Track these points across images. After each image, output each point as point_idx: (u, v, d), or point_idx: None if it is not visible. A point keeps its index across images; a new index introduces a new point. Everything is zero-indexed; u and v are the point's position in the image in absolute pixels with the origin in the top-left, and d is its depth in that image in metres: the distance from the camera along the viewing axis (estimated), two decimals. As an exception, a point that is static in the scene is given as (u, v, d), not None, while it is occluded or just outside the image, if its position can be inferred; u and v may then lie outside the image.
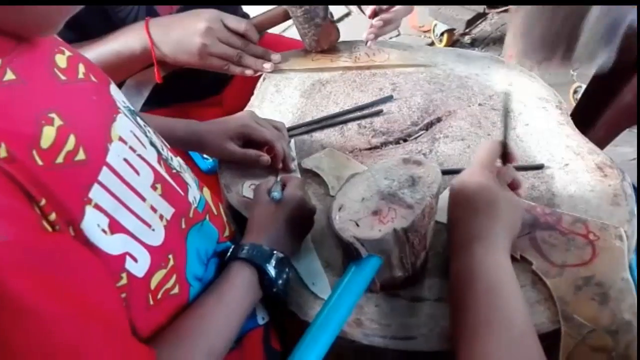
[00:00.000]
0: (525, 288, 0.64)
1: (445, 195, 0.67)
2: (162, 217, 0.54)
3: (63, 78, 0.50)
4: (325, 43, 0.99)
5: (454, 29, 2.38)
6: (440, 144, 0.83)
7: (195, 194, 0.62)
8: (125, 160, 0.51)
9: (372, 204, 0.60)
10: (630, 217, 0.71)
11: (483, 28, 2.50)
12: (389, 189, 0.61)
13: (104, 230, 0.47)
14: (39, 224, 0.40)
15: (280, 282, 0.62)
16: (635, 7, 0.66)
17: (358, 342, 0.61)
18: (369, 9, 0.97)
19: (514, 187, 0.69)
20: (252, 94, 1.24)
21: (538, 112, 0.88)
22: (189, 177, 0.63)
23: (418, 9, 2.25)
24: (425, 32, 2.51)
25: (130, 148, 0.52)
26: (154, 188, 0.54)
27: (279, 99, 0.94)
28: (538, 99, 0.90)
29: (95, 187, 0.46)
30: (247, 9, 1.15)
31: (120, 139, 0.51)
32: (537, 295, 0.64)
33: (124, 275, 0.49)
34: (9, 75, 0.43)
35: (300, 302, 0.65)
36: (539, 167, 0.79)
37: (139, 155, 0.53)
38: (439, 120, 0.88)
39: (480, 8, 2.37)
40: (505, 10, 2.40)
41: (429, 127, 0.87)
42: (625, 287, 0.62)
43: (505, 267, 0.58)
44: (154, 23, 0.91)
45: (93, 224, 0.45)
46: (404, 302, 0.65)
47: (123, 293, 0.48)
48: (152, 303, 0.51)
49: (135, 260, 0.50)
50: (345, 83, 0.96)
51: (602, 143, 1.09)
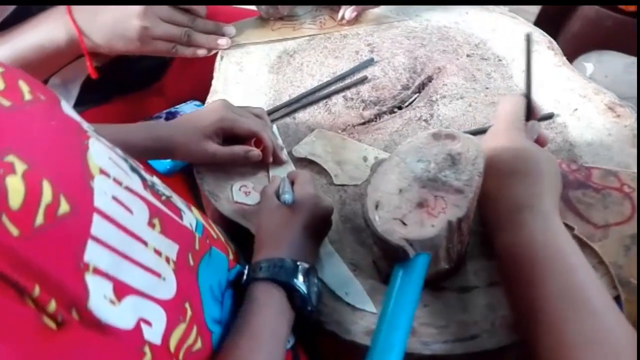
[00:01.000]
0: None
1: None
2: (168, 259, 0.43)
3: (6, 103, 0.36)
4: (285, 8, 0.86)
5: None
6: (440, 106, 0.75)
7: (191, 219, 0.50)
8: (115, 199, 0.38)
9: (413, 195, 0.50)
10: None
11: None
12: (428, 174, 0.51)
13: (112, 301, 0.35)
14: (39, 324, 0.28)
15: (313, 297, 0.52)
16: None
17: (417, 353, 0.53)
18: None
19: (541, 143, 0.62)
20: (197, 77, 1.11)
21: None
22: (177, 198, 0.51)
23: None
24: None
25: (115, 181, 0.39)
26: (152, 225, 0.42)
27: (245, 79, 0.81)
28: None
29: (90, 245, 0.34)
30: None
31: (102, 172, 0.38)
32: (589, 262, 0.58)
33: (147, 350, 0.37)
34: None
35: (337, 318, 0.56)
36: (549, 116, 0.73)
37: (127, 188, 0.40)
38: (431, 80, 0.79)
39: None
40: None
41: (422, 88, 0.78)
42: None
43: (563, 233, 0.51)
44: (78, 8, 0.74)
45: (99, 298, 0.33)
46: (453, 295, 0.57)
47: None
48: None
49: (150, 325, 0.39)
50: (316, 50, 0.85)
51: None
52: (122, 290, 0.36)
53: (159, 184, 0.48)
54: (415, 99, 0.77)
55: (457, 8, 0.90)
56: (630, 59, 1.69)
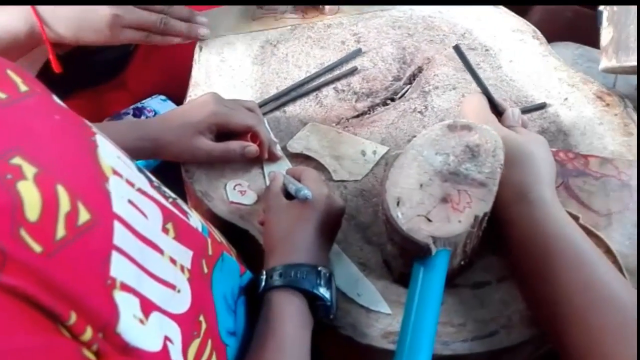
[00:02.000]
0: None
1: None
2: (183, 267, 0.38)
3: (1, 96, 0.31)
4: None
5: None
6: (433, 97, 0.73)
7: (196, 221, 0.46)
8: (130, 202, 0.34)
9: (435, 190, 0.48)
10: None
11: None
12: (448, 167, 0.49)
13: (141, 320, 0.30)
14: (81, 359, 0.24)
15: (335, 304, 0.49)
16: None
17: (438, 354, 0.51)
18: None
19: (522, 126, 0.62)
20: (162, 70, 1.05)
21: (517, 45, 0.81)
22: (181, 201, 0.46)
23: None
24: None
25: (128, 182, 0.35)
26: (166, 231, 0.38)
27: (229, 71, 0.76)
28: (512, 32, 0.83)
29: (115, 257, 0.30)
30: None
31: (115, 172, 0.34)
32: (597, 251, 0.58)
33: (176, 372, 0.33)
34: None
35: (352, 321, 0.53)
36: (542, 106, 0.73)
37: (140, 190, 0.36)
38: (421, 70, 0.77)
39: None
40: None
41: (413, 79, 0.76)
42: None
43: (567, 220, 0.50)
44: None
45: (129, 318, 0.29)
46: (468, 291, 0.55)
47: None
48: None
49: (173, 343, 0.35)
50: (300, 41, 0.81)
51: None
52: (148, 307, 0.32)
53: (162, 185, 0.44)
54: (408, 90, 0.75)
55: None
56: (580, 50, 1.75)
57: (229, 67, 0.76)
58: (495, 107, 0.60)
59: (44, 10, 0.67)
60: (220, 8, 0.84)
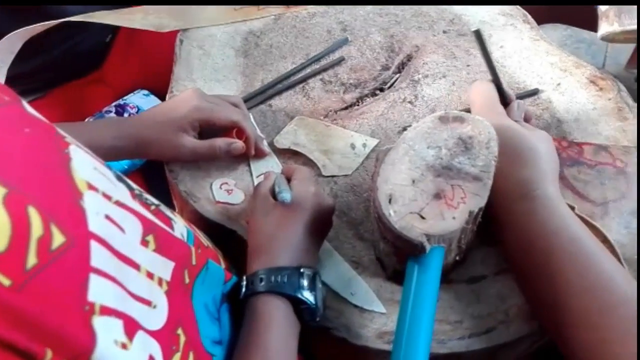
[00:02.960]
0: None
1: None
2: (161, 280, 0.37)
3: None
4: None
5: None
6: (423, 87, 0.71)
7: (181, 228, 0.44)
8: (107, 218, 0.32)
9: (428, 186, 0.46)
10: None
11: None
12: (441, 161, 0.47)
13: (123, 344, 0.28)
14: None
15: (321, 306, 0.48)
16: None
17: (435, 353, 0.49)
18: None
19: (527, 120, 0.60)
20: (143, 63, 1.02)
21: (507, 30, 0.79)
22: (165, 207, 0.44)
23: None
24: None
25: (105, 195, 0.33)
26: (145, 243, 0.36)
27: (211, 64, 0.73)
28: (502, 16, 0.81)
29: (93, 279, 0.27)
30: None
31: (90, 187, 0.31)
32: (593, 240, 0.56)
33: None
34: None
35: (345, 322, 0.51)
36: (535, 92, 0.71)
37: (117, 202, 0.34)
38: (410, 59, 0.75)
39: None
40: None
41: (402, 68, 0.74)
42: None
43: (570, 216, 0.48)
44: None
45: (109, 345, 0.27)
46: (463, 286, 0.54)
47: None
48: None
49: None
50: (284, 31, 0.78)
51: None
52: (132, 327, 0.30)
53: (144, 192, 0.41)
54: (397, 80, 0.73)
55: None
56: (568, 31, 1.74)
57: (211, 60, 0.74)
58: (503, 97, 0.58)
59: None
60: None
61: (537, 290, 0.47)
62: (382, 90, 0.71)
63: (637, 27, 0.66)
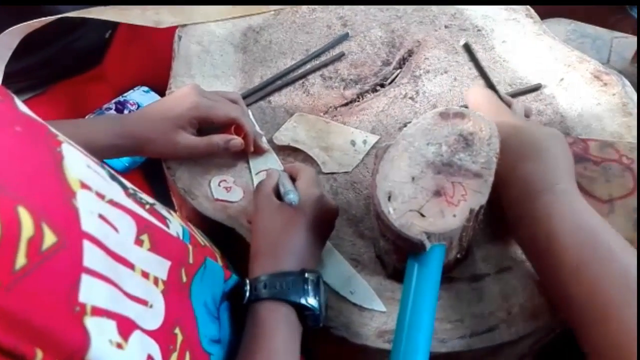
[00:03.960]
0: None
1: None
2: (157, 280, 0.36)
3: None
4: None
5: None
6: (425, 82, 0.70)
7: (177, 227, 0.43)
8: (101, 217, 0.31)
9: (428, 183, 0.45)
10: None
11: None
12: (441, 158, 0.47)
13: (118, 344, 0.28)
14: None
15: (324, 311, 0.47)
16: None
17: (435, 352, 0.49)
18: None
19: (526, 115, 0.59)
20: (142, 59, 1.01)
21: (510, 25, 0.78)
22: (160, 206, 0.44)
23: None
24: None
25: (98, 194, 0.32)
26: (140, 242, 0.35)
27: (210, 60, 0.73)
28: (505, 11, 0.80)
29: (85, 280, 0.27)
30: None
31: (83, 185, 0.31)
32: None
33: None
34: None
35: (345, 320, 0.51)
36: (537, 87, 0.70)
37: (111, 202, 0.33)
38: (411, 54, 0.74)
39: None
40: None
41: (403, 63, 0.73)
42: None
43: (589, 211, 0.46)
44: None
45: (104, 344, 0.27)
46: (465, 285, 0.53)
47: None
48: None
49: None
50: (284, 26, 0.77)
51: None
52: (127, 327, 0.29)
53: (139, 191, 0.41)
54: (398, 75, 0.72)
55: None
56: (572, 25, 1.72)
57: (210, 56, 0.73)
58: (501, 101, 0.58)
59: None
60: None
61: (557, 286, 0.46)
62: (382, 86, 0.71)
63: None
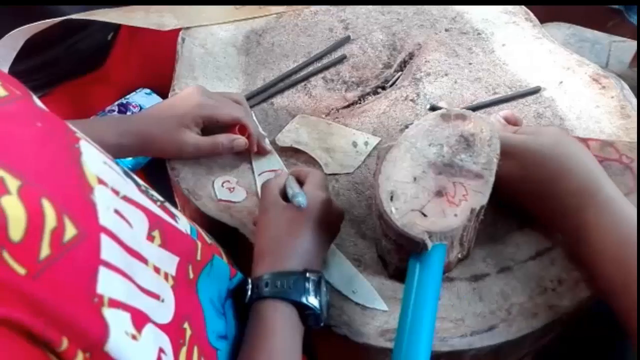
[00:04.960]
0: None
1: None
2: (167, 275, 0.37)
3: None
4: None
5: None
6: (425, 85, 0.71)
7: (185, 224, 0.44)
8: (116, 212, 0.32)
9: (430, 183, 0.46)
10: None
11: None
12: (442, 158, 0.47)
13: (133, 335, 0.29)
14: None
15: (325, 311, 0.48)
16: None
17: (436, 351, 0.49)
18: None
19: (515, 123, 0.60)
20: (145, 61, 1.02)
21: (510, 28, 0.79)
22: (169, 204, 0.44)
23: None
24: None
25: (113, 190, 0.33)
26: (151, 238, 0.36)
27: (213, 62, 0.73)
28: (505, 14, 0.81)
29: (102, 272, 0.28)
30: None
31: (100, 181, 0.31)
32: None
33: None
34: None
35: (347, 319, 0.51)
36: (536, 90, 0.71)
37: (125, 198, 0.34)
38: (412, 57, 0.75)
39: None
40: None
41: (404, 66, 0.74)
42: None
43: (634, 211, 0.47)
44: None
45: (120, 335, 0.28)
46: (465, 285, 0.54)
47: None
48: None
49: (165, 354, 0.33)
50: (286, 29, 0.78)
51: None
52: (140, 320, 0.30)
53: (150, 188, 0.42)
54: (399, 78, 0.73)
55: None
56: (571, 29, 1.73)
57: (213, 58, 0.74)
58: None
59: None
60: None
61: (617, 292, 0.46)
62: (384, 89, 0.71)
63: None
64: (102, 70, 1.01)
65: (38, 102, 0.33)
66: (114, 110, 0.93)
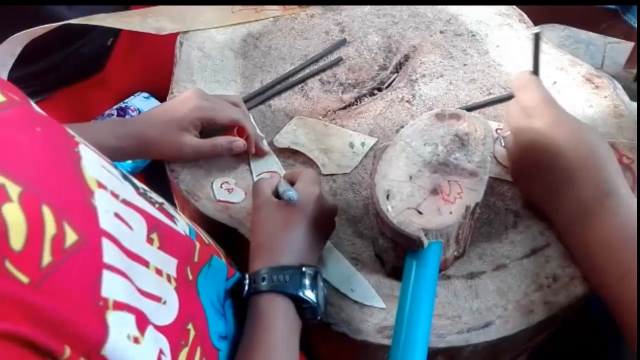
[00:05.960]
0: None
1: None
2: (169, 277, 0.37)
3: None
4: None
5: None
6: (421, 86, 0.72)
7: (184, 225, 0.44)
8: (116, 215, 0.32)
9: (425, 181, 0.47)
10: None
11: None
12: (437, 157, 0.48)
13: (136, 338, 0.29)
14: None
15: (322, 305, 0.48)
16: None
17: (433, 347, 0.50)
18: None
19: None
20: (144, 65, 1.03)
21: (504, 30, 0.80)
22: (168, 205, 0.45)
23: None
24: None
25: (113, 194, 0.33)
26: (150, 241, 0.36)
27: (211, 66, 0.74)
28: (498, 16, 0.82)
29: (106, 275, 0.28)
30: None
31: (100, 185, 0.32)
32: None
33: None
34: None
35: (345, 317, 0.52)
36: (531, 91, 0.72)
37: (124, 201, 0.35)
38: (407, 59, 0.76)
39: None
40: None
41: (399, 68, 0.75)
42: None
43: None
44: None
45: (121, 339, 0.28)
46: (462, 282, 0.54)
47: None
48: None
49: (165, 355, 0.34)
50: (283, 32, 0.79)
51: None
52: (143, 322, 0.31)
53: (149, 190, 0.42)
54: (395, 79, 0.73)
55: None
56: (566, 31, 1.74)
57: (211, 62, 0.75)
58: None
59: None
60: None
61: (615, 288, 0.46)
62: (380, 90, 0.72)
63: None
64: (101, 75, 1.01)
65: (36, 107, 0.33)
66: (113, 114, 0.94)
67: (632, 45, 1.58)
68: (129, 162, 0.85)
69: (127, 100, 0.99)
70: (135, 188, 0.38)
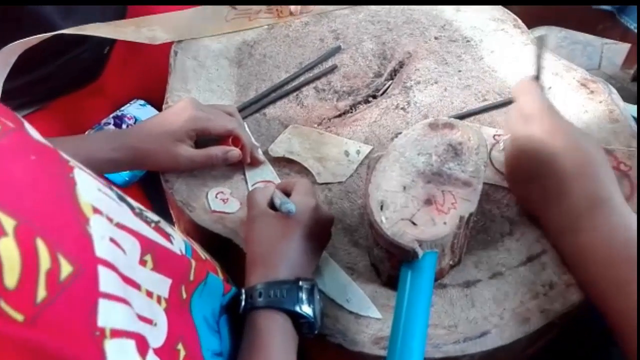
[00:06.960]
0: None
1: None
2: (159, 299, 0.37)
3: None
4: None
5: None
6: (416, 93, 0.72)
7: (180, 243, 0.44)
8: (112, 241, 0.32)
9: (419, 192, 0.47)
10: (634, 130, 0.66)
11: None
12: (431, 167, 0.48)
13: None
14: None
15: (319, 319, 0.48)
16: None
17: (429, 357, 0.50)
18: None
19: None
20: (140, 73, 1.03)
21: (498, 35, 0.80)
22: (164, 223, 0.45)
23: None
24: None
25: (108, 218, 0.33)
26: (143, 263, 0.36)
27: (205, 74, 0.74)
28: (493, 22, 0.82)
29: (102, 304, 0.28)
30: None
31: (95, 210, 0.31)
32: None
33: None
34: None
35: (341, 328, 0.52)
36: (526, 96, 0.71)
37: (118, 225, 0.34)
38: (402, 65, 0.76)
39: None
40: None
41: (394, 74, 0.75)
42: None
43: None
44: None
45: None
46: (458, 291, 0.54)
47: None
48: None
49: None
50: (277, 40, 0.79)
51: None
52: (144, 346, 0.30)
53: (145, 209, 0.42)
54: (389, 86, 0.73)
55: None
56: (563, 33, 1.74)
57: (206, 70, 0.75)
58: None
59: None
60: (193, 9, 0.82)
61: (609, 297, 0.46)
62: (374, 97, 0.72)
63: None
64: (97, 83, 1.01)
65: (31, 130, 0.33)
66: (110, 123, 0.94)
67: (629, 47, 1.59)
68: (126, 172, 0.85)
69: (123, 108, 0.99)
70: (131, 209, 0.38)
